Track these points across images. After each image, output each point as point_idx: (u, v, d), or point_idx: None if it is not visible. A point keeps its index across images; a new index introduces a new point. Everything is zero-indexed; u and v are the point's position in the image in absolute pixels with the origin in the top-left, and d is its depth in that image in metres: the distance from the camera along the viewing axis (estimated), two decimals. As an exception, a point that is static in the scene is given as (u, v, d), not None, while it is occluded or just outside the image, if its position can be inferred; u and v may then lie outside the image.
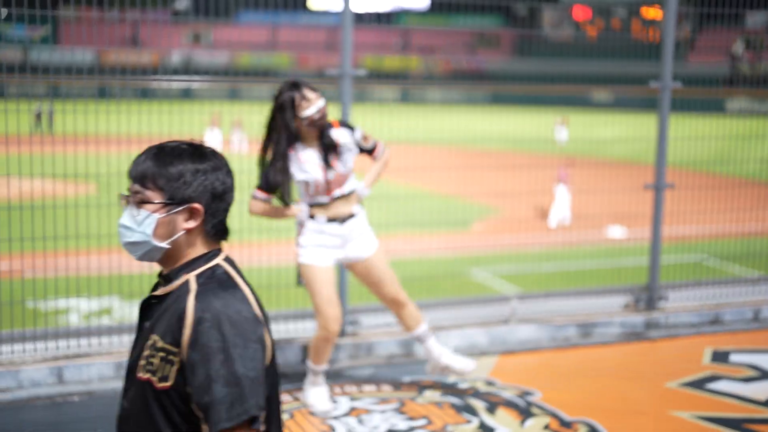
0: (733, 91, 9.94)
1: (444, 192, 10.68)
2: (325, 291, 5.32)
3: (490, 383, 6.02)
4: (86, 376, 5.91)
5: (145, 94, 6.96)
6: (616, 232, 13.28)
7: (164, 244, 2.24)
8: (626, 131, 9.11)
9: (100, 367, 5.95)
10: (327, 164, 5.28)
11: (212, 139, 19.64)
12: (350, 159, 5.37)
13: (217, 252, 2.32)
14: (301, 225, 5.39)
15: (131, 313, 7.64)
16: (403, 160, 8.05)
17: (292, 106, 5.16)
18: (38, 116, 7.91)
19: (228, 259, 2.34)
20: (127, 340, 6.21)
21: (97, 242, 6.66)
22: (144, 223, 2.23)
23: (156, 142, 2.39)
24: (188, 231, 2.25)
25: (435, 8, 57.04)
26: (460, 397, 5.74)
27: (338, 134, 5.35)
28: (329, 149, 5.29)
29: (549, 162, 7.94)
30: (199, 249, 2.28)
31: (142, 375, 2.20)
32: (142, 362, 2.22)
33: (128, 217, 2.27)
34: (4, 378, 5.72)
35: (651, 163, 7.72)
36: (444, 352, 5.67)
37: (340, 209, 5.34)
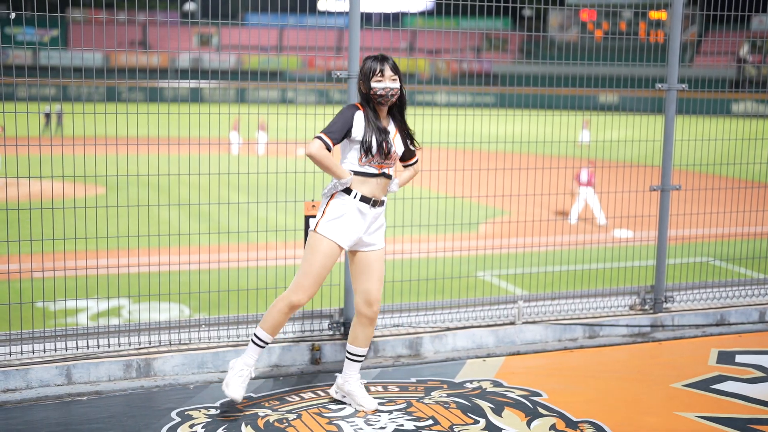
0: (739, 93, 9.93)
1: (451, 194, 10.71)
2: (318, 267, 5.31)
3: (496, 384, 6.04)
4: (95, 376, 5.95)
5: (154, 96, 7.01)
6: (622, 233, 13.30)
7: None
8: (632, 133, 9.12)
9: (109, 368, 5.99)
10: (400, 139, 5.46)
11: (234, 142, 19.76)
12: (406, 145, 5.52)
13: None
14: (334, 189, 5.37)
15: (139, 313, 7.68)
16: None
17: (370, 74, 5.34)
18: (47, 117, 7.96)
19: None
20: (136, 340, 6.25)
21: (106, 243, 6.71)
22: None
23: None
24: None
25: (442, 10, 57.04)
26: (467, 397, 5.77)
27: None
28: (397, 125, 5.48)
29: (556, 163, 7.96)
30: None
31: None
32: None
33: None
34: (13, 378, 5.76)
35: (657, 165, 7.73)
36: (356, 381, 5.63)
37: (377, 190, 5.37)
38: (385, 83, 5.32)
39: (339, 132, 5.31)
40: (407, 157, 5.63)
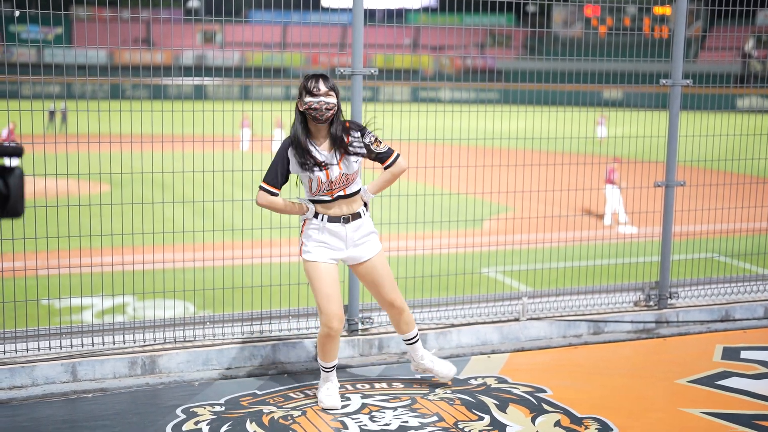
0: (743, 88, 9.91)
1: (455, 190, 10.71)
2: (325, 288, 5.39)
3: (501, 380, 6.04)
4: (100, 373, 5.96)
5: (158, 93, 7.01)
6: (627, 229, 13.28)
7: None
8: (637, 129, 9.10)
9: (114, 365, 6.00)
10: (332, 162, 5.34)
11: (245, 139, 19.80)
12: (357, 161, 5.40)
13: None
14: (304, 222, 5.47)
15: (144, 310, 7.69)
16: (414, 158, 8.08)
17: (302, 92, 5.29)
18: (51, 115, 7.97)
19: None
20: (141, 337, 6.26)
21: (110, 241, 6.71)
22: None
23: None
24: None
25: (446, 7, 57.01)
26: (471, 394, 5.77)
27: (348, 133, 5.40)
28: (336, 146, 5.34)
29: (560, 160, 7.95)
30: None
31: None
32: None
33: None
34: (19, 375, 5.78)
35: (662, 161, 7.73)
36: (427, 355, 5.86)
37: (343, 209, 5.40)
38: (319, 97, 5.24)
39: (278, 175, 5.40)
40: (382, 160, 5.54)
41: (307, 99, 5.26)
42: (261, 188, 5.41)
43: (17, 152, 2.33)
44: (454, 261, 9.11)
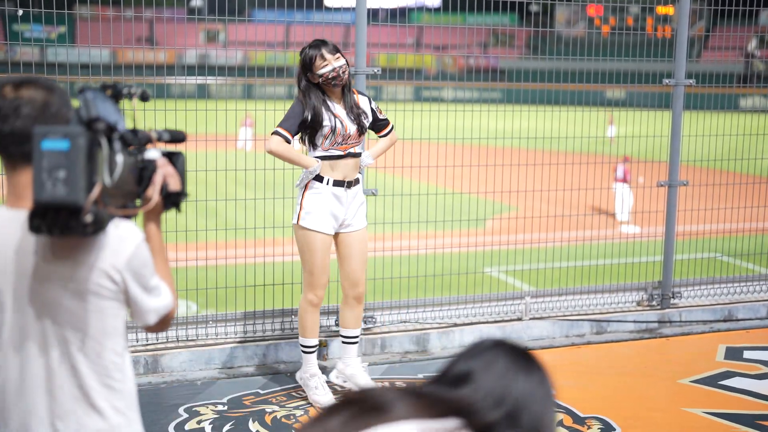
0: (747, 88, 9.91)
1: (458, 189, 10.69)
2: (320, 259, 5.44)
3: (503, 380, 6.03)
4: (103, 371, 5.95)
5: (161, 92, 7.01)
6: (630, 228, 13.27)
7: None
8: (640, 129, 9.09)
9: (117, 363, 5.99)
10: (350, 119, 5.44)
11: (244, 136, 19.79)
12: (366, 123, 5.52)
13: None
14: (306, 179, 5.45)
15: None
16: (417, 157, 8.07)
17: (310, 63, 5.36)
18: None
19: None
20: (143, 336, 6.26)
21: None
22: None
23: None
24: None
25: (449, 6, 56.95)
26: (473, 393, 5.76)
27: (359, 94, 5.61)
28: (351, 103, 5.48)
29: (562, 159, 7.94)
30: None
31: None
32: None
33: None
34: (22, 373, 5.78)
35: (665, 161, 7.72)
36: (358, 362, 5.76)
37: (348, 171, 5.45)
38: (331, 65, 5.33)
39: (294, 121, 5.42)
40: (380, 128, 5.70)
41: (321, 70, 5.33)
42: (276, 133, 5.41)
43: (182, 138, 2.40)
44: (457, 260, 9.10)
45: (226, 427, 5.19)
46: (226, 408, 5.50)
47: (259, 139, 10.63)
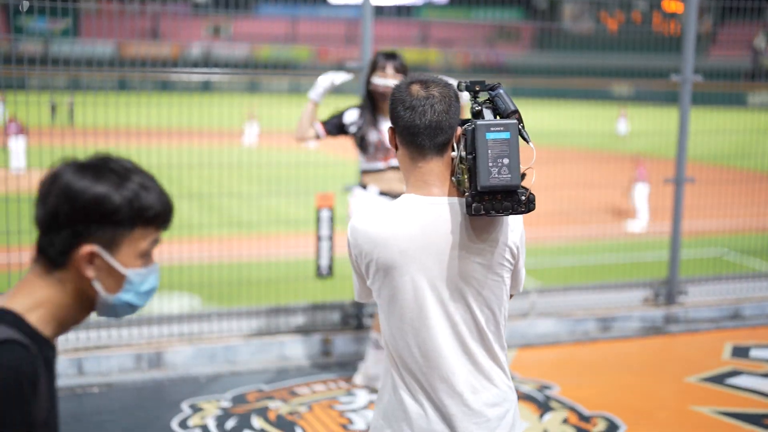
0: (754, 84, 9.85)
1: (463, 185, 10.60)
2: None
3: (508, 377, 6.00)
4: (106, 367, 5.94)
5: (165, 87, 6.98)
6: (636, 226, 13.21)
7: None
8: (646, 125, 9.04)
9: (120, 359, 5.98)
10: None
11: (251, 132, 19.74)
12: None
13: None
14: (324, 85, 5.49)
15: (150, 304, 7.67)
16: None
17: (372, 69, 5.42)
18: (53, 109, 7.96)
19: None
20: (147, 332, 6.24)
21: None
22: None
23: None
24: None
25: (455, 1, 56.88)
26: (478, 390, 5.73)
27: None
28: None
29: (569, 156, 7.90)
30: None
31: None
32: None
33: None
34: (25, 369, 5.76)
35: (671, 157, 7.67)
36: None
37: (393, 184, 5.46)
38: (386, 81, 5.34)
39: (331, 122, 5.51)
40: None
41: (374, 80, 5.37)
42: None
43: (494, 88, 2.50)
44: (462, 257, 9.08)
45: (230, 424, 5.16)
46: (229, 404, 5.48)
47: (263, 135, 10.60)
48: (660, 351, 6.86)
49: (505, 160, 2.30)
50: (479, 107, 2.43)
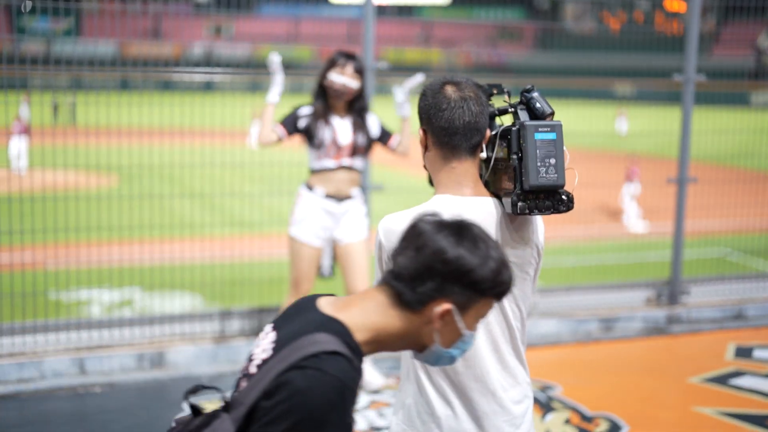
0: (758, 84, 9.83)
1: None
2: (305, 267, 5.53)
3: (510, 377, 5.99)
4: (108, 367, 5.94)
5: (167, 86, 6.98)
6: (639, 226, 13.20)
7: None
8: (649, 125, 9.03)
9: (122, 359, 5.98)
10: (349, 131, 5.44)
11: (256, 132, 19.79)
12: (366, 138, 5.51)
13: None
14: (299, 195, 5.51)
15: (152, 304, 7.67)
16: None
17: (329, 65, 5.37)
18: (55, 108, 7.96)
19: None
20: (149, 332, 6.23)
21: (119, 234, 6.69)
22: None
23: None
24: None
25: (457, 1, 56.89)
26: (480, 390, 5.72)
27: (370, 119, 5.59)
28: (355, 116, 5.46)
29: (572, 156, 7.88)
30: None
31: None
32: None
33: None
34: (27, 368, 5.76)
35: (674, 157, 7.66)
36: (366, 367, 5.82)
37: (340, 185, 5.46)
38: (344, 78, 5.33)
39: (287, 121, 5.49)
40: (384, 140, 5.65)
41: (331, 76, 5.33)
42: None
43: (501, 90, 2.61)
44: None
45: (231, 424, 5.15)
46: (231, 404, 5.47)
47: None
48: (663, 351, 6.85)
49: (552, 160, 2.36)
50: (512, 109, 2.49)
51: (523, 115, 2.45)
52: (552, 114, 2.45)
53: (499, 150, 2.44)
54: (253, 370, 1.82)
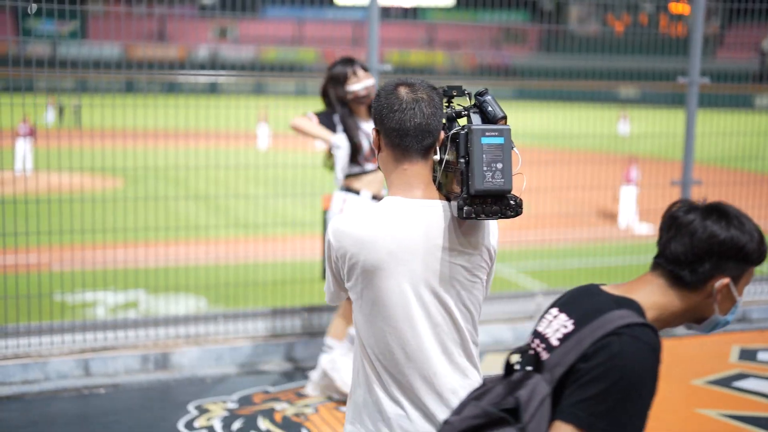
0: (762, 87, 9.83)
1: (469, 187, 10.58)
2: None
3: (514, 379, 5.99)
4: (112, 368, 5.95)
5: (172, 89, 7.00)
6: (643, 228, 13.19)
7: None
8: (653, 127, 9.03)
9: (126, 360, 5.99)
10: None
11: (262, 134, 19.82)
12: None
13: None
14: (340, 159, 5.38)
15: (157, 306, 7.68)
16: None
17: (342, 81, 5.35)
18: (60, 110, 7.98)
19: None
20: (153, 333, 6.25)
21: (124, 236, 6.70)
22: None
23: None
24: None
25: (461, 3, 56.85)
26: (484, 392, 5.72)
27: None
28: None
29: (574, 158, 7.89)
30: None
31: None
32: None
33: None
34: (32, 369, 5.78)
35: (678, 160, 7.66)
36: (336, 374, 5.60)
37: (379, 187, 5.56)
38: (363, 82, 5.34)
39: (323, 116, 5.42)
40: None
41: (353, 87, 5.33)
42: (306, 114, 5.44)
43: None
44: (468, 259, 9.07)
45: (236, 425, 5.17)
46: (235, 405, 5.49)
47: (274, 136, 10.61)
48: (666, 353, 6.82)
49: (499, 165, 2.34)
50: (466, 112, 2.47)
51: (476, 119, 2.44)
52: (504, 118, 2.43)
53: (450, 153, 2.43)
54: (555, 342, 2.04)
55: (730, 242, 2.06)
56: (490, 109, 2.44)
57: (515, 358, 2.04)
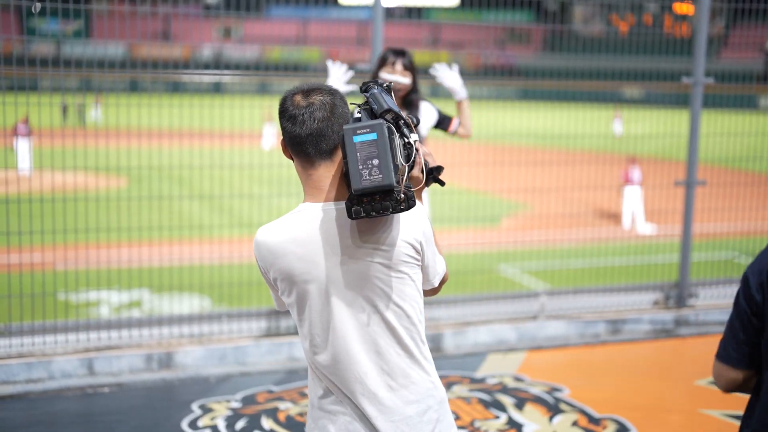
0: (766, 87, 9.80)
1: (473, 187, 10.64)
2: None
3: (518, 379, 6.00)
4: (116, 368, 5.96)
5: (176, 88, 7.00)
6: (647, 228, 13.18)
7: None
8: (657, 127, 9.03)
9: (130, 360, 6.00)
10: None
11: (266, 134, 19.86)
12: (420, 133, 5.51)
13: None
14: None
15: (161, 305, 7.69)
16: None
17: (381, 64, 5.40)
18: (64, 110, 8.00)
19: None
20: (157, 332, 6.26)
21: (128, 235, 6.71)
22: None
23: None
24: None
25: (465, 3, 56.83)
26: (488, 392, 5.74)
27: (425, 108, 5.57)
28: (410, 111, 5.46)
29: (578, 158, 7.89)
30: None
31: None
32: None
33: None
34: (36, 368, 5.79)
35: (682, 160, 7.65)
36: None
37: None
38: (395, 77, 5.35)
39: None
40: (444, 126, 5.70)
41: (383, 74, 5.36)
42: None
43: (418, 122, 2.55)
44: (471, 259, 9.07)
45: (239, 424, 5.17)
46: (239, 405, 5.49)
47: (279, 136, 10.62)
48: (670, 354, 6.85)
49: (375, 161, 2.28)
50: (359, 111, 2.43)
51: (365, 116, 2.39)
52: (388, 111, 2.36)
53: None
54: None
55: None
56: (375, 106, 2.39)
57: None
